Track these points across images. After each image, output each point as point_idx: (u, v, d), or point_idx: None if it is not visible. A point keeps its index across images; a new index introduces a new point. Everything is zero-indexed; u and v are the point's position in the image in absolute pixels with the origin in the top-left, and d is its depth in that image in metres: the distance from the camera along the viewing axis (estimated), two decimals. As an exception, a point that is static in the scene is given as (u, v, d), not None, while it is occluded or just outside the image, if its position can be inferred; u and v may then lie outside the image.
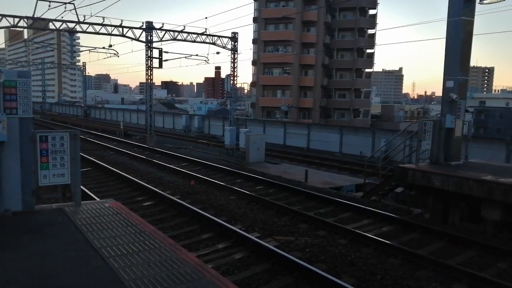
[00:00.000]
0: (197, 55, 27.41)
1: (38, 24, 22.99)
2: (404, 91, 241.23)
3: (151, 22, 25.27)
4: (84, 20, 22.46)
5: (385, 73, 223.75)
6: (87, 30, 23.17)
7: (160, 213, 9.70)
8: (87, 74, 59.22)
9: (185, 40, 25.54)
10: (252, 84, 62.52)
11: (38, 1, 20.40)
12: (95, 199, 9.31)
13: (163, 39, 25.24)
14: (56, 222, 4.70)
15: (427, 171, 9.66)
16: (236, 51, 26.15)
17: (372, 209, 10.10)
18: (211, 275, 3.54)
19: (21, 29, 22.90)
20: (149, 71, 26.14)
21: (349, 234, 8.34)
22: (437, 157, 10.70)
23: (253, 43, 60.28)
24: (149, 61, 25.87)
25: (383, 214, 9.77)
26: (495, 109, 56.47)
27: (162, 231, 6.46)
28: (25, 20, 21.62)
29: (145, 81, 27.12)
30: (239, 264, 6.71)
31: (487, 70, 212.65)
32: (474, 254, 7.65)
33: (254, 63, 60.53)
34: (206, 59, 27.73)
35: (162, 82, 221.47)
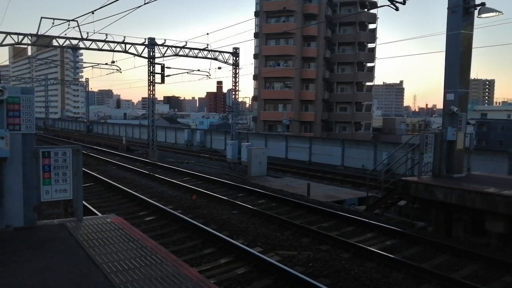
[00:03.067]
0: (199, 70, 27.60)
1: (42, 41, 23.25)
2: (405, 104, 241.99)
3: (153, 38, 25.56)
4: (87, 37, 22.70)
5: (386, 86, 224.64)
6: (90, 47, 23.43)
7: (162, 228, 9.66)
8: (90, 89, 59.69)
9: (187, 56, 25.78)
10: (254, 98, 62.83)
11: (42, 19, 20.69)
12: (97, 214, 9.29)
13: (165, 54, 25.49)
14: (58, 237, 4.69)
15: (429, 184, 9.63)
16: (238, 66, 26.35)
17: (375, 222, 10.03)
18: (213, 290, 3.52)
19: (25, 46, 23.16)
20: (151, 86, 26.33)
21: (352, 248, 8.27)
22: (439, 169, 10.68)
23: (254, 58, 60.78)
24: (151, 76, 26.08)
25: (386, 227, 9.70)
26: (496, 121, 56.45)
27: (164, 246, 6.43)
28: (29, 37, 21.90)
29: (147, 96, 27.30)
30: (241, 280, 6.65)
31: (487, 82, 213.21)
32: (479, 267, 7.57)
33: (255, 77, 60.94)
34: (208, 74, 27.92)
35: (164, 97, 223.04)
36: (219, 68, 28.81)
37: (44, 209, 5.28)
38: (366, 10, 59.28)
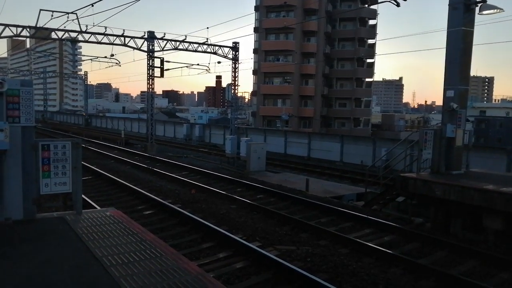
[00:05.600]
0: (198, 64, 27.54)
1: (40, 33, 23.14)
2: (404, 100, 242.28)
3: (153, 32, 25.47)
4: (87, 29, 22.62)
5: (386, 82, 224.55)
6: (89, 40, 23.34)
7: (161, 222, 9.67)
8: (88, 83, 59.50)
9: (186, 50, 25.72)
10: (253, 93, 62.76)
11: (41, 11, 20.58)
12: (96, 208, 9.29)
13: (165, 48, 25.42)
14: (57, 230, 4.69)
15: (428, 180, 9.65)
16: (237, 60, 26.30)
17: (374, 218, 10.05)
18: (213, 284, 3.53)
19: (24, 38, 23.04)
20: (150, 80, 26.27)
21: (350, 244, 8.30)
22: (438, 166, 10.69)
23: (254, 52, 60.68)
24: (150, 70, 26.02)
25: (384, 223, 9.73)
26: (495, 118, 56.49)
27: (163, 240, 6.44)
28: (28, 29, 21.79)
29: (146, 90, 27.25)
30: (240, 274, 6.67)
31: (487, 79, 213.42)
32: (476, 264, 7.60)
33: (255, 72, 60.83)
34: (207, 69, 27.86)
35: (163, 91, 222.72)
36: (219, 62, 28.84)
37: (44, 202, 5.28)
38: (366, 5, 59.13)
